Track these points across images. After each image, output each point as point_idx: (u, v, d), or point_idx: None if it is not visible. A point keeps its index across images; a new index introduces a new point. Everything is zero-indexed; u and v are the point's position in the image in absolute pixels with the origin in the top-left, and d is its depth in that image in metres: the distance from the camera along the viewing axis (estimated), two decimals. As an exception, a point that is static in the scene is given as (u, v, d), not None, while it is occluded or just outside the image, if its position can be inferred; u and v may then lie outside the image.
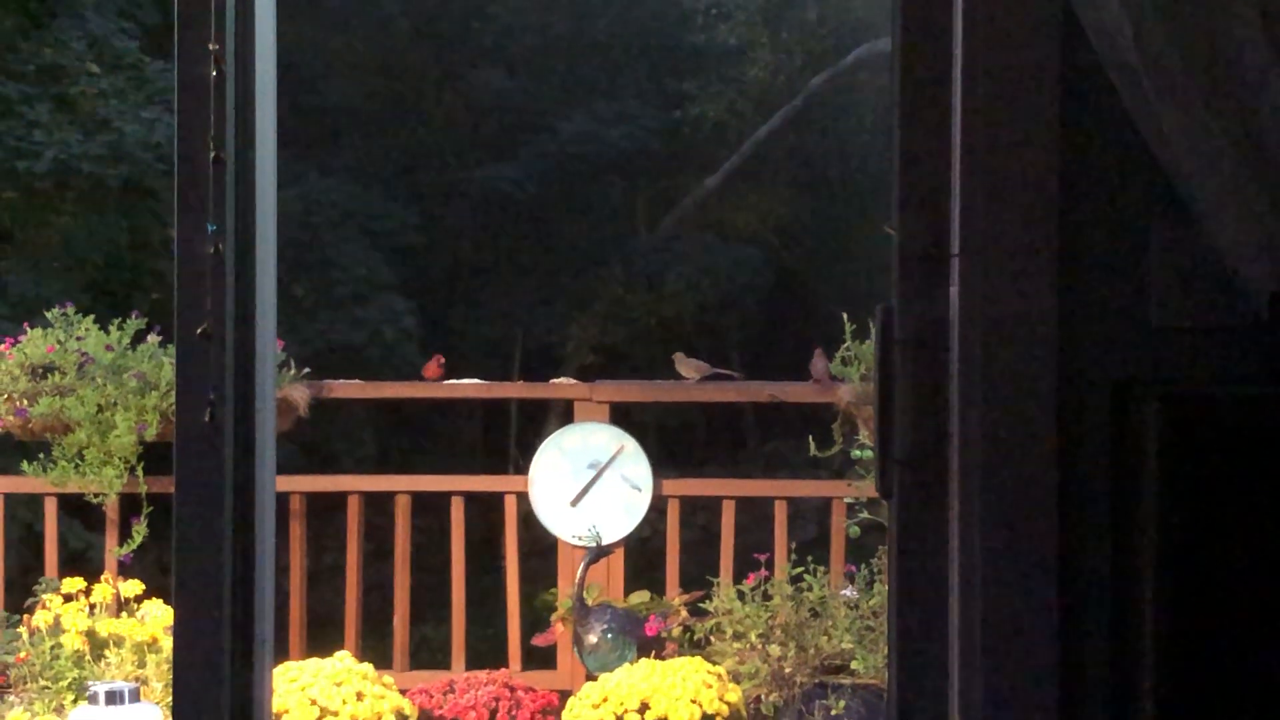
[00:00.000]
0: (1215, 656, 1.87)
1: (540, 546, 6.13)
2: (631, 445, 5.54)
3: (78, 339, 5.30)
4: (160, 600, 5.07)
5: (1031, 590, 2.04)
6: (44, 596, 5.10)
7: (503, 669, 5.37)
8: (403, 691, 5.00)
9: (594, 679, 5.12)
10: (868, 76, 10.65)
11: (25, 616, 5.08)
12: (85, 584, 5.10)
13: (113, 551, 5.27)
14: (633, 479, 5.51)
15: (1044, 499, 2.04)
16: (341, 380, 6.08)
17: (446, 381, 5.87)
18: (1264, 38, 1.72)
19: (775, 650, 4.94)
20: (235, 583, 2.50)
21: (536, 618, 5.85)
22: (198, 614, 2.48)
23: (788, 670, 4.90)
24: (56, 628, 4.97)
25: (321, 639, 5.50)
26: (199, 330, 2.44)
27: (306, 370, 5.55)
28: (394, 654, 5.53)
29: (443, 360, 5.86)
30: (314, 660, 5.00)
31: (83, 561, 6.76)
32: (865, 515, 5.17)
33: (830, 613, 5.01)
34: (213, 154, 2.44)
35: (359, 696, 4.79)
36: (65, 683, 4.84)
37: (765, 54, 11.30)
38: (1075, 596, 2.05)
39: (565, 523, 5.50)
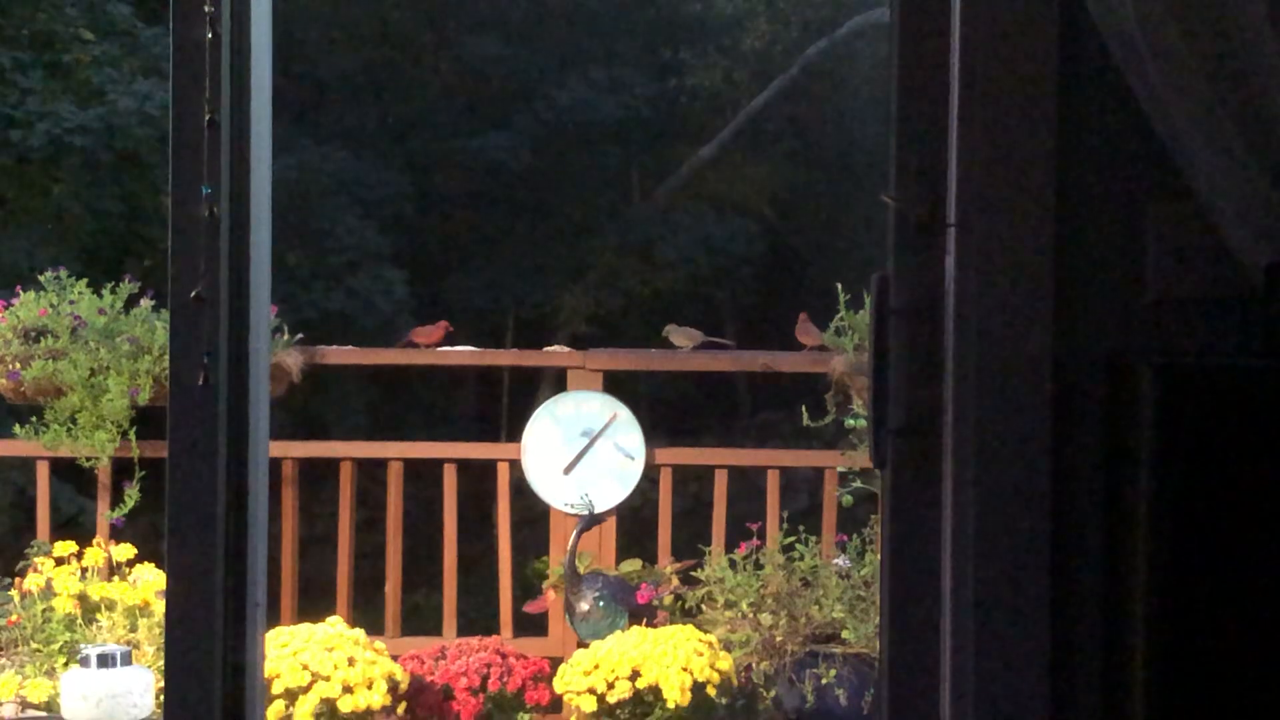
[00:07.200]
0: (1209, 628, 1.87)
1: (532, 514, 6.13)
2: (624, 414, 5.54)
3: (70, 303, 5.29)
4: (152, 564, 5.07)
5: (1024, 560, 2.05)
6: (36, 560, 5.10)
7: (494, 636, 5.37)
8: (394, 657, 5.00)
9: (585, 646, 5.13)
10: (865, 46, 10.62)
11: (17, 580, 5.08)
12: (77, 548, 5.10)
13: (105, 515, 5.28)
14: (625, 447, 5.51)
15: (1038, 469, 2.04)
16: (335, 346, 6.07)
17: (440, 349, 5.86)
18: (1264, 7, 1.71)
19: (766, 619, 4.95)
20: (228, 547, 2.50)
21: (528, 585, 5.85)
22: (190, 578, 2.49)
23: (779, 639, 4.92)
24: (48, 591, 4.98)
25: (313, 605, 5.50)
26: (193, 294, 2.44)
27: (300, 336, 5.54)
28: (385, 620, 5.54)
29: (450, 328, 5.83)
30: (306, 625, 5.01)
31: (75, 525, 6.76)
32: (858, 485, 5.18)
33: (822, 582, 5.02)
34: (207, 116, 2.43)
35: (350, 662, 4.80)
36: (57, 646, 4.85)
37: (762, 23, 11.26)
38: (1068, 567, 2.06)
39: (557, 491, 5.50)
